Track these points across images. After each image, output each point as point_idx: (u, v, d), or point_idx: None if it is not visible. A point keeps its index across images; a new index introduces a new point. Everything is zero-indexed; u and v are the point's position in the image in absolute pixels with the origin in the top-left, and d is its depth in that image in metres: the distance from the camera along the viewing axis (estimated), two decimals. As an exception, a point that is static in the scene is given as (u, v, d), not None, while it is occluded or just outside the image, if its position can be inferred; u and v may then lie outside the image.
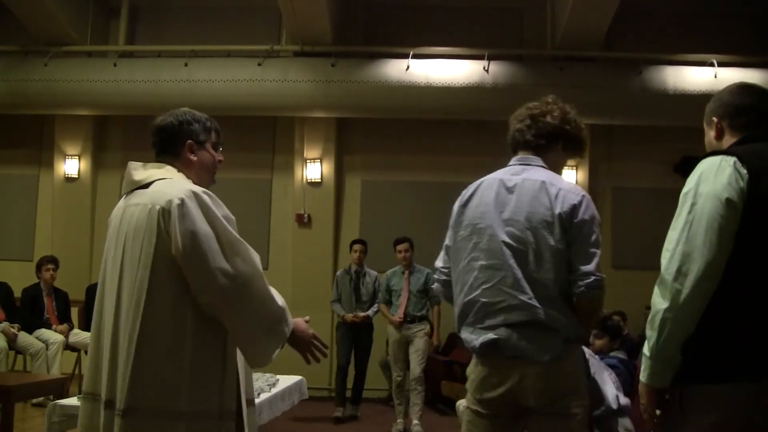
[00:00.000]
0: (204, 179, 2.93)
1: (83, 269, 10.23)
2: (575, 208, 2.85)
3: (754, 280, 2.19)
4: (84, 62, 9.93)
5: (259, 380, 5.25)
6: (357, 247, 8.52)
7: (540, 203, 2.89)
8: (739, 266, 2.20)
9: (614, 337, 5.67)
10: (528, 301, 2.81)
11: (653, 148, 10.13)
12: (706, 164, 2.34)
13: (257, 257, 2.73)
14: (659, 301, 2.26)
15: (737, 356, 2.13)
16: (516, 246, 2.87)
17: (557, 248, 2.83)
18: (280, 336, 2.78)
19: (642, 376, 2.34)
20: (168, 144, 2.91)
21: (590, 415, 2.96)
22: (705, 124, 2.60)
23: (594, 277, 2.81)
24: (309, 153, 10.28)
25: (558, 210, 2.85)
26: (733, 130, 2.47)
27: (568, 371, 2.79)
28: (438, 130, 10.08)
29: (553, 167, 3.08)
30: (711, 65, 9.18)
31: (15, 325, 8.15)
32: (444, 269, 3.13)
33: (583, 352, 2.96)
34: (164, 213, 2.65)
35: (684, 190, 2.38)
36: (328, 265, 9.97)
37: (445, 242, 3.14)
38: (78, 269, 10.09)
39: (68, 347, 8.47)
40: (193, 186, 2.74)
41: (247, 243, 2.73)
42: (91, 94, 9.72)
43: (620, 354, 5.53)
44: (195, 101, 9.49)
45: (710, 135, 2.57)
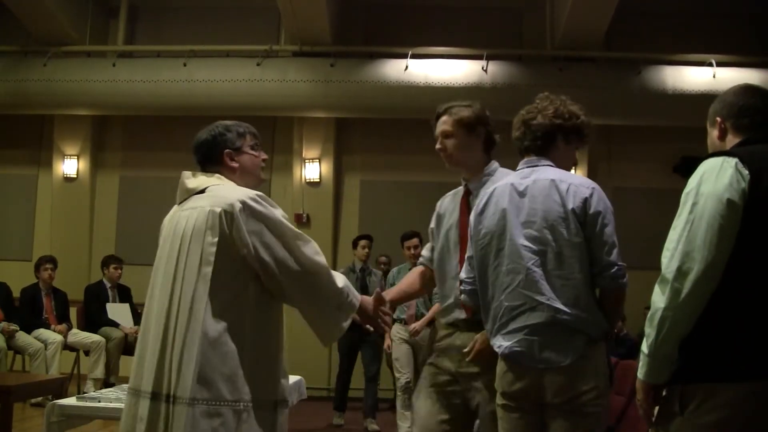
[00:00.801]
0: (250, 181, 3.14)
1: (82, 269, 10.24)
2: (587, 201, 2.88)
3: (755, 280, 2.19)
4: (83, 62, 9.93)
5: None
6: (364, 243, 8.16)
7: (553, 201, 2.91)
8: (740, 266, 2.20)
9: None
10: (546, 302, 2.82)
11: (652, 148, 10.14)
12: (708, 165, 2.34)
13: (316, 246, 3.00)
14: (659, 300, 2.27)
15: (738, 356, 2.13)
16: (535, 247, 2.89)
17: (576, 242, 2.85)
18: (351, 307, 3.08)
19: (639, 373, 2.35)
20: (209, 157, 3.14)
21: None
22: (708, 125, 2.61)
23: (617, 267, 2.86)
24: (308, 153, 10.28)
25: (571, 205, 2.88)
26: (737, 131, 2.47)
27: (590, 370, 2.79)
28: (437, 130, 10.07)
29: (562, 163, 3.10)
30: (710, 65, 9.19)
31: (14, 325, 8.15)
32: (469, 279, 3.12)
33: (606, 350, 2.98)
34: (227, 215, 2.85)
35: (686, 190, 2.39)
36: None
37: (467, 254, 3.14)
38: (77, 269, 10.10)
39: (67, 347, 8.48)
40: (248, 190, 2.95)
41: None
42: (91, 94, 9.73)
43: None
44: (194, 101, 9.56)
45: (713, 135, 2.57)
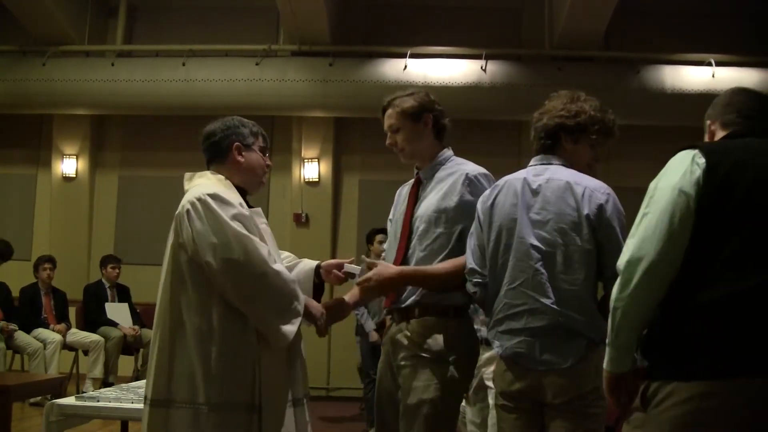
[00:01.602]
0: (253, 182, 3.17)
1: (81, 269, 10.23)
2: (602, 208, 2.89)
3: (709, 274, 2.16)
4: (82, 62, 9.93)
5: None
6: (381, 237, 7.57)
7: (566, 204, 2.89)
8: (697, 259, 2.19)
9: None
10: (550, 305, 2.80)
11: (651, 148, 10.07)
12: (672, 159, 2.38)
13: (263, 248, 2.90)
14: (613, 291, 2.29)
15: (696, 354, 2.12)
16: (544, 249, 2.86)
17: (586, 249, 2.84)
18: (295, 313, 2.96)
19: (604, 364, 2.37)
20: (216, 148, 3.14)
21: None
22: (705, 132, 2.62)
23: None
24: (307, 152, 10.28)
25: (586, 210, 2.87)
26: (724, 128, 2.48)
27: (590, 372, 2.78)
28: (436, 130, 10.07)
29: (575, 162, 3.11)
30: (709, 65, 9.19)
31: (13, 325, 8.16)
32: (482, 272, 3.03)
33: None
34: (178, 218, 2.92)
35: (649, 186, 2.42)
36: (326, 265, 9.95)
37: (475, 242, 3.07)
38: (76, 269, 10.09)
39: (66, 347, 8.48)
40: (208, 189, 2.93)
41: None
42: (89, 94, 9.72)
43: None
44: (193, 101, 9.56)
45: (706, 139, 2.58)
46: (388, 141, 3.52)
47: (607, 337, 2.33)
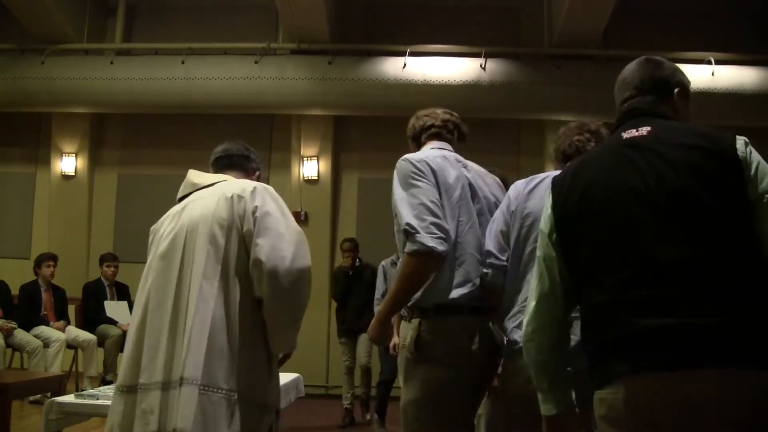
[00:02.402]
0: None
1: (80, 267, 10.23)
2: None
3: (584, 294, 2.17)
4: (81, 60, 9.92)
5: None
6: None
7: None
8: (576, 286, 2.21)
9: None
10: None
11: (650, 146, 10.14)
12: None
13: (307, 250, 2.98)
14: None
15: (594, 365, 2.13)
16: None
17: None
18: (299, 324, 3.02)
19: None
20: (240, 163, 3.27)
21: None
22: None
23: None
24: (306, 151, 10.28)
25: None
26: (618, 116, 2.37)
27: None
28: (435, 128, 10.07)
29: None
30: (708, 63, 9.19)
31: (12, 323, 8.15)
32: (499, 256, 3.04)
33: None
34: (238, 198, 2.91)
35: None
36: (325, 263, 9.97)
37: (500, 227, 3.08)
38: (75, 267, 10.09)
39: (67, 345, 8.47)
40: (262, 184, 3.03)
41: None
42: (88, 92, 9.72)
43: None
44: (192, 99, 9.56)
45: None
46: None
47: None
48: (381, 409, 7.46)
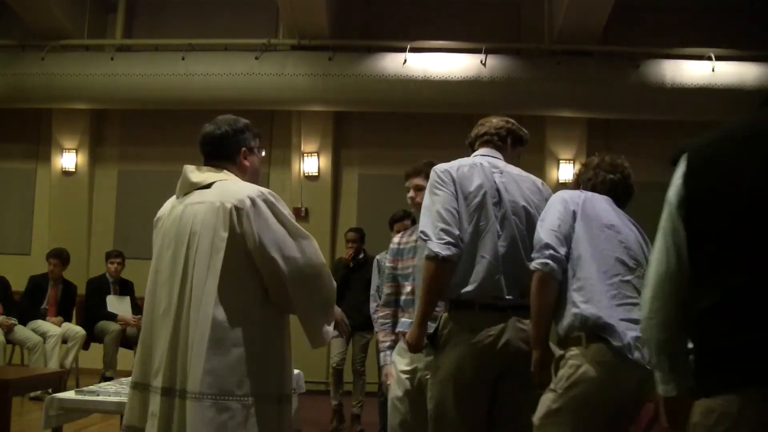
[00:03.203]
0: (255, 181, 3.23)
1: (81, 263, 10.22)
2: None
3: (698, 284, 2.04)
4: (81, 56, 9.92)
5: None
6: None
7: (638, 242, 3.37)
8: (696, 272, 2.07)
9: None
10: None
11: (651, 142, 10.11)
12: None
13: (317, 245, 3.13)
14: None
15: (701, 369, 2.00)
16: (632, 265, 3.22)
17: None
18: (332, 316, 3.22)
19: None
20: (223, 151, 3.19)
21: None
22: None
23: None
24: (306, 147, 10.27)
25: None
26: None
27: None
28: (435, 124, 10.07)
29: None
30: (709, 59, 9.18)
31: (12, 319, 8.15)
32: (560, 248, 3.16)
33: None
34: (237, 211, 2.93)
35: None
36: (326, 259, 9.95)
37: (558, 225, 3.20)
38: (75, 263, 10.06)
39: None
40: (258, 186, 3.05)
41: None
42: (89, 88, 9.72)
43: None
44: (192, 95, 9.55)
45: None
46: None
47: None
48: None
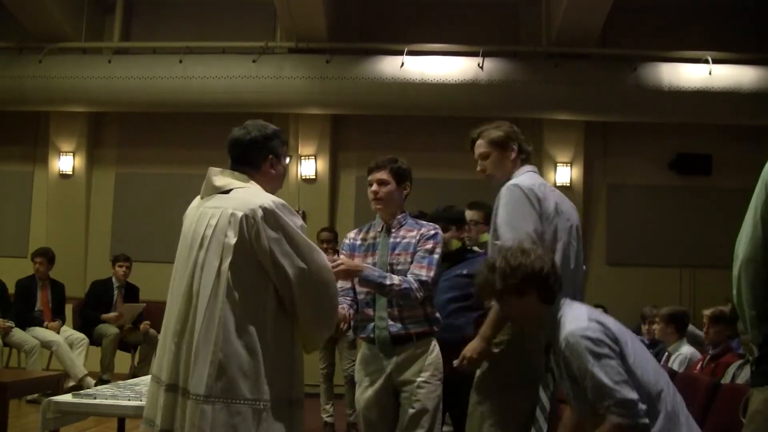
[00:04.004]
0: (275, 190, 3.25)
1: (78, 266, 10.23)
2: None
3: None
4: (79, 59, 9.91)
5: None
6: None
7: None
8: None
9: None
10: None
11: (648, 145, 10.14)
12: None
13: (326, 259, 3.15)
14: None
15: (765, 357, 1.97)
16: None
17: None
18: (334, 322, 3.25)
19: None
20: (250, 156, 3.18)
21: None
22: None
23: None
24: (304, 150, 10.27)
25: None
26: None
27: None
28: (433, 127, 10.07)
29: None
30: (706, 62, 9.19)
31: (9, 322, 8.14)
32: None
33: None
34: (248, 220, 2.96)
35: None
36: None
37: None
38: (73, 266, 10.09)
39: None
40: (272, 197, 3.08)
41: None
42: (86, 91, 9.71)
43: None
44: (190, 98, 9.55)
45: None
46: (479, 167, 3.82)
47: None
48: None
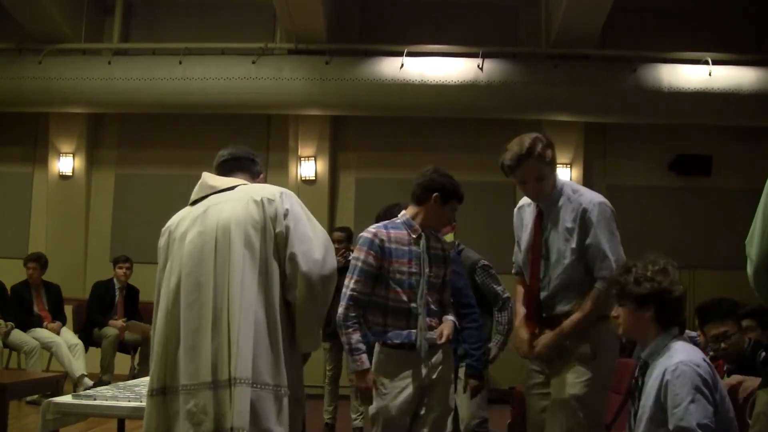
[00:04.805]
0: None
1: (78, 267, 10.23)
2: None
3: None
4: (78, 60, 9.91)
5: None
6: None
7: None
8: None
9: None
10: None
11: (648, 146, 10.15)
12: None
13: (333, 249, 3.17)
14: None
15: None
16: None
17: None
18: (321, 323, 3.24)
19: None
20: (244, 166, 3.35)
21: None
22: None
23: None
24: (303, 151, 10.27)
25: None
26: None
27: None
28: (432, 128, 10.08)
29: None
30: (705, 63, 9.19)
31: (9, 323, 8.13)
32: None
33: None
34: (268, 201, 3.04)
35: None
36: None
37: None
38: (72, 267, 10.09)
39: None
40: (286, 189, 3.18)
41: None
42: (86, 92, 9.71)
43: None
44: (189, 99, 9.55)
45: None
46: (531, 190, 3.65)
47: None
48: None
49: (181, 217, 3.19)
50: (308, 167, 10.24)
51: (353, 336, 3.75)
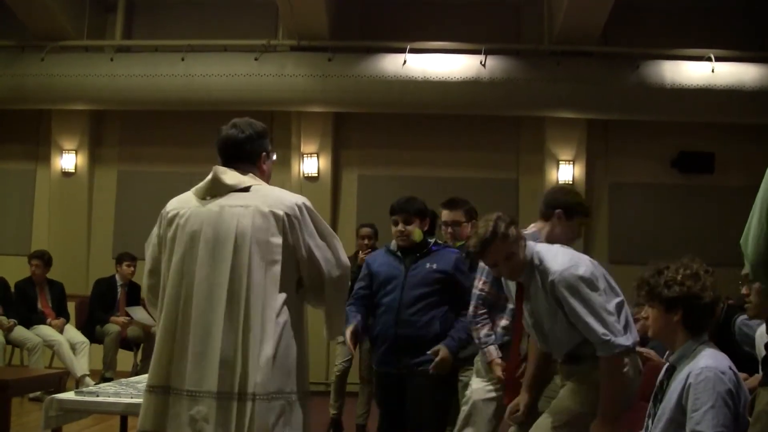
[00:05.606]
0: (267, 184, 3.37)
1: (80, 264, 10.24)
2: None
3: None
4: (81, 57, 9.91)
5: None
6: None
7: None
8: None
9: None
10: None
11: (650, 144, 10.13)
12: None
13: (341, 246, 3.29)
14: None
15: None
16: None
17: None
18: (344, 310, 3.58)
19: None
20: (246, 154, 3.35)
21: None
22: None
23: None
24: (306, 148, 10.27)
25: None
26: None
27: None
28: (435, 125, 10.08)
29: None
30: (708, 60, 9.18)
31: (11, 320, 8.15)
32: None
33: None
34: (289, 219, 3.08)
35: None
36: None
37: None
38: (75, 264, 10.10)
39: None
40: (298, 195, 3.27)
41: None
42: (88, 89, 9.71)
43: None
44: (192, 96, 9.56)
45: None
46: (505, 270, 3.69)
47: None
48: None
49: (190, 211, 3.13)
50: (311, 164, 10.24)
51: (481, 331, 4.20)
